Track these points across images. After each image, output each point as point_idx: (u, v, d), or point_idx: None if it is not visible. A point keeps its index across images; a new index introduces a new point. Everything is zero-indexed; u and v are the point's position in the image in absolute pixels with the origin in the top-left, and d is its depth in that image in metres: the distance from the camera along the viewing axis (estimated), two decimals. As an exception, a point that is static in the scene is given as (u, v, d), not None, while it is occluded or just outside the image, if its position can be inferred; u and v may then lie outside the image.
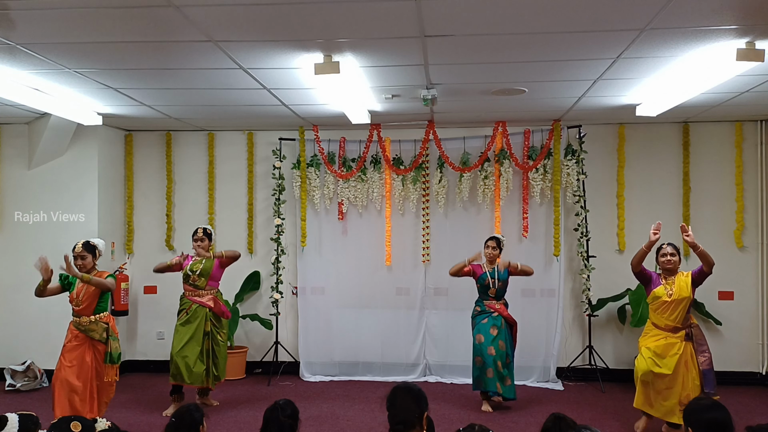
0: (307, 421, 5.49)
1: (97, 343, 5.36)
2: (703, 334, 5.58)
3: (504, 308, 6.48)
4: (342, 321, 7.84)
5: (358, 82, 5.58)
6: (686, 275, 5.53)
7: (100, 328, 5.37)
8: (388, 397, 3.31)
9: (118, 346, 5.46)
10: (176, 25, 4.15)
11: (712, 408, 3.13)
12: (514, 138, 7.53)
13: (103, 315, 5.41)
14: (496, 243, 6.51)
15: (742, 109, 6.86)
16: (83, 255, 5.36)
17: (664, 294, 5.44)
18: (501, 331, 6.39)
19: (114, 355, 5.39)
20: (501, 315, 6.43)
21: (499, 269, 6.48)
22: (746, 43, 4.44)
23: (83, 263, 5.35)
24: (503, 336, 6.39)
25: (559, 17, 4.05)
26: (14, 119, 7.27)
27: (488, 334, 6.37)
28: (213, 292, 6.39)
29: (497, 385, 6.31)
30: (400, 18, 4.04)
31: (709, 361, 5.46)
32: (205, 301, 6.30)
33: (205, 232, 6.45)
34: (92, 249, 5.44)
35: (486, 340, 6.36)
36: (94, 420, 3.12)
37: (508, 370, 6.39)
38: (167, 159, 8.15)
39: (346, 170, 7.71)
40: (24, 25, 4.14)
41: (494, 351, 6.31)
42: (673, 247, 5.64)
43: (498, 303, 6.45)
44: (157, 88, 5.89)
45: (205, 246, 6.41)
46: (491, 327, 6.39)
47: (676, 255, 5.60)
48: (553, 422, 3.14)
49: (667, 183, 7.66)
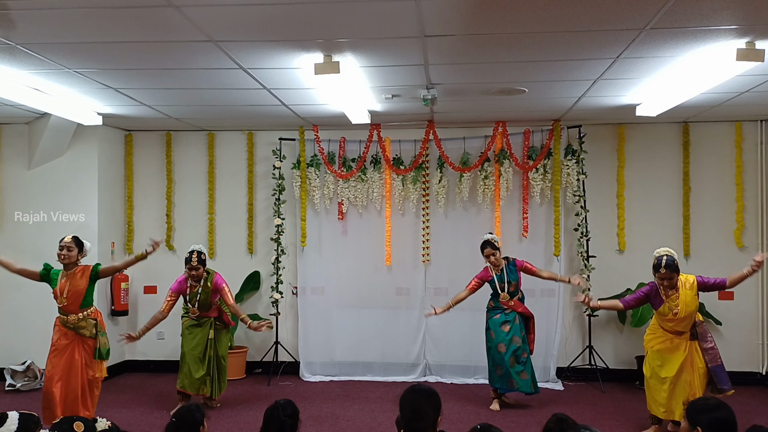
0: (307, 421, 5.49)
1: (86, 339, 5.38)
2: (708, 330, 5.47)
3: (519, 303, 6.47)
4: (342, 321, 7.84)
5: (358, 82, 5.58)
6: (691, 285, 5.29)
7: (90, 324, 5.38)
8: (403, 398, 3.23)
9: (107, 341, 5.48)
10: (176, 25, 4.15)
11: (718, 407, 3.13)
12: (514, 138, 7.52)
13: (90, 310, 5.42)
14: (490, 248, 6.41)
15: (742, 109, 6.86)
16: (70, 246, 5.42)
17: (669, 313, 5.31)
18: (515, 326, 6.38)
19: (103, 351, 5.39)
20: (515, 311, 6.42)
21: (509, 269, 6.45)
22: (746, 43, 4.44)
23: (68, 254, 5.40)
24: (517, 331, 6.37)
25: (559, 17, 4.05)
26: (14, 119, 7.27)
27: (499, 331, 6.38)
28: (216, 303, 6.37)
29: (511, 381, 6.31)
30: (400, 18, 4.04)
31: (718, 357, 5.35)
32: (209, 312, 6.34)
33: (200, 258, 6.16)
34: (80, 244, 5.50)
35: (497, 337, 6.38)
36: (94, 420, 3.13)
37: (524, 365, 6.34)
38: (167, 159, 8.15)
39: (346, 170, 7.71)
40: (24, 25, 4.14)
41: (504, 348, 6.31)
42: (671, 270, 5.23)
43: (512, 300, 6.45)
44: (157, 88, 5.89)
45: (200, 274, 6.19)
46: (503, 323, 6.40)
47: (674, 276, 5.24)
48: (555, 423, 3.14)
49: (667, 183, 7.65)
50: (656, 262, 5.32)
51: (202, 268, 6.18)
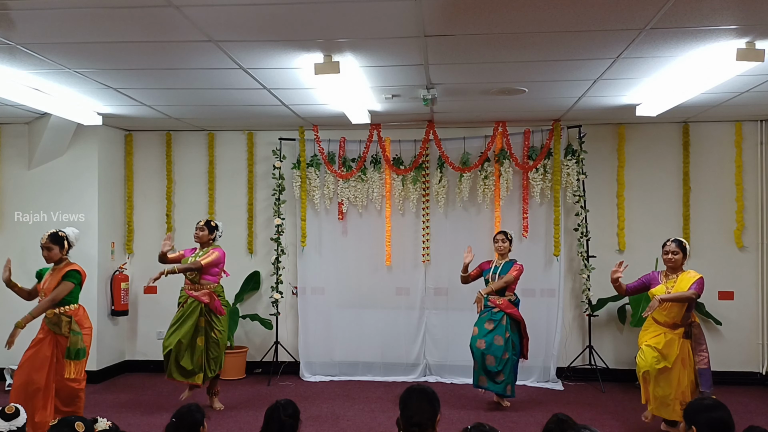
0: (307, 421, 5.49)
1: (60, 338, 5.23)
2: (702, 334, 5.52)
3: (507, 304, 6.45)
4: (342, 321, 7.84)
5: (358, 82, 5.58)
6: (692, 277, 5.39)
7: (63, 321, 5.24)
8: (402, 397, 3.26)
9: (79, 340, 5.22)
10: (176, 25, 4.15)
11: (715, 408, 3.14)
12: (514, 138, 7.52)
13: (68, 308, 5.28)
14: (504, 236, 6.58)
15: (742, 109, 6.86)
16: (49, 246, 5.30)
17: (663, 292, 5.39)
18: (500, 326, 6.37)
19: (72, 351, 5.17)
20: (503, 311, 6.42)
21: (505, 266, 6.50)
22: (746, 43, 4.44)
23: (49, 255, 5.31)
24: (501, 331, 6.36)
25: (560, 17, 4.05)
26: (14, 119, 7.27)
27: (482, 328, 6.41)
28: (210, 287, 6.28)
29: (482, 378, 6.35)
30: (400, 18, 4.04)
31: (706, 361, 5.41)
32: (200, 296, 6.21)
33: (207, 223, 6.42)
34: (59, 240, 5.33)
35: (479, 333, 6.41)
36: (94, 420, 3.13)
37: (503, 367, 6.33)
38: (167, 159, 8.15)
39: (346, 170, 7.71)
40: (24, 25, 4.14)
41: (484, 345, 6.32)
42: (677, 244, 5.48)
43: (500, 299, 6.45)
44: (157, 88, 5.89)
45: (202, 237, 6.36)
46: (487, 321, 6.42)
47: (679, 253, 5.45)
48: (555, 423, 3.14)
49: (667, 183, 7.66)
50: (664, 242, 5.55)
51: (206, 231, 6.37)
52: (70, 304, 5.32)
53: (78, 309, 5.37)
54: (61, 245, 5.34)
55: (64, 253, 5.37)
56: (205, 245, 6.39)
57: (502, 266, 6.52)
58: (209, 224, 6.42)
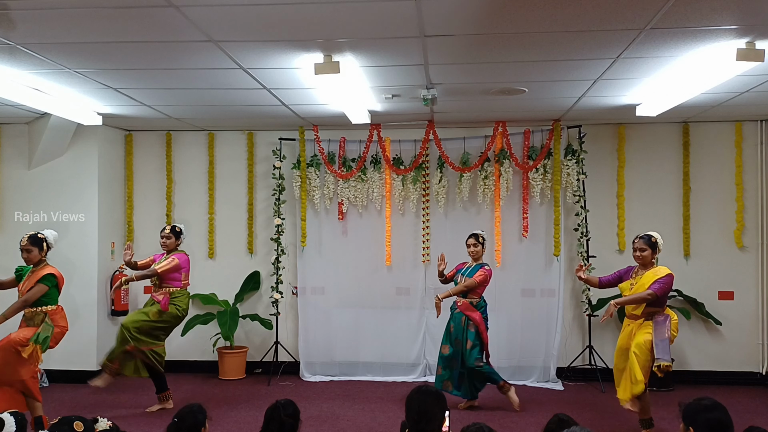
0: (307, 421, 5.48)
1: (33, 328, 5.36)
2: (668, 320, 5.30)
3: (467, 306, 6.33)
4: (342, 321, 7.84)
5: (358, 82, 5.58)
6: (657, 275, 5.30)
7: (38, 318, 5.39)
8: (410, 399, 3.22)
9: (50, 332, 5.37)
10: (176, 25, 4.15)
11: (713, 408, 3.14)
12: (514, 138, 7.52)
13: (45, 308, 5.41)
14: (475, 239, 6.48)
15: (742, 109, 6.86)
16: (28, 249, 5.43)
17: (627, 289, 5.50)
18: (458, 329, 6.33)
19: (40, 336, 5.30)
20: (462, 312, 6.35)
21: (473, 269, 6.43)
22: (746, 43, 4.44)
23: (29, 256, 5.43)
24: (460, 334, 6.33)
25: (559, 17, 4.05)
26: (14, 119, 7.27)
27: (447, 333, 6.46)
28: (169, 290, 6.36)
29: (445, 383, 6.34)
30: (400, 18, 4.04)
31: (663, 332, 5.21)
32: (157, 296, 6.37)
33: (172, 229, 6.51)
34: (38, 242, 5.46)
35: (443, 338, 6.48)
36: (95, 420, 3.13)
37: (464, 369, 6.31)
38: (167, 159, 8.15)
39: (346, 170, 7.71)
40: (24, 25, 4.14)
41: (448, 350, 6.36)
42: (644, 241, 5.43)
43: (461, 300, 6.40)
44: (157, 88, 5.89)
45: (169, 244, 6.45)
46: (449, 324, 6.45)
47: (646, 249, 5.40)
48: (556, 423, 3.14)
49: (667, 183, 7.66)
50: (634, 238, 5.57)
51: (173, 238, 6.46)
52: (48, 305, 5.44)
53: (56, 309, 5.50)
54: (41, 247, 5.47)
55: (43, 255, 5.50)
56: (172, 251, 6.48)
57: (471, 269, 6.47)
58: (174, 230, 6.52)
